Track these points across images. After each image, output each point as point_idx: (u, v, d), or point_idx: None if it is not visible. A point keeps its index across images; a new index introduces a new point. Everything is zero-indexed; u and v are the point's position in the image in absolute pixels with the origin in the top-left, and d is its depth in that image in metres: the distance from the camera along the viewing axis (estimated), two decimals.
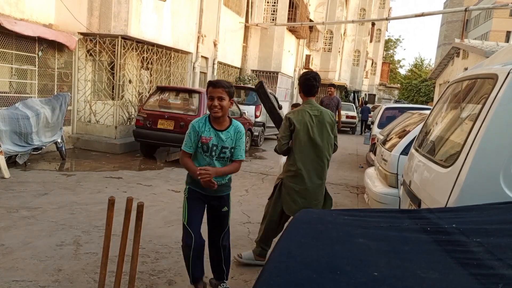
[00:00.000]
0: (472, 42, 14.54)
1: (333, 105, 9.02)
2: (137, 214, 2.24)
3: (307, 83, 3.28)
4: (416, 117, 5.42)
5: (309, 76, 3.29)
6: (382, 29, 41.29)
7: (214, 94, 2.54)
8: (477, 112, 2.17)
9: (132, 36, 8.37)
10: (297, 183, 3.25)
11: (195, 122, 2.64)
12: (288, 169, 3.28)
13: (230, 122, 2.68)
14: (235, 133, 2.66)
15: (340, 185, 7.10)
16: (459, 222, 1.39)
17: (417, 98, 35.02)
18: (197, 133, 2.60)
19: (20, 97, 7.10)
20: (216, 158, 2.64)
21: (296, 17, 16.55)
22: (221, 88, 2.55)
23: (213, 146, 2.61)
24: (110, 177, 6.11)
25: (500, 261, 1.05)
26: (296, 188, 3.26)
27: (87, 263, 3.17)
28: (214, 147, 2.62)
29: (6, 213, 4.14)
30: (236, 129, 2.67)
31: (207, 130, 2.61)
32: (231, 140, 2.64)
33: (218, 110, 2.55)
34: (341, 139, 15.93)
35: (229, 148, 2.64)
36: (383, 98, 41.97)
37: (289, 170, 3.27)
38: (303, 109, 3.23)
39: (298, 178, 3.24)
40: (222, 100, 2.55)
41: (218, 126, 2.63)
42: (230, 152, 2.65)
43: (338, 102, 9.22)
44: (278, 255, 1.10)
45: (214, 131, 2.61)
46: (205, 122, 2.64)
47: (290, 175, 3.27)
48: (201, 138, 2.59)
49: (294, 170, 3.24)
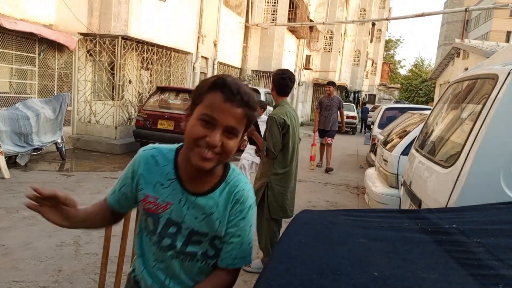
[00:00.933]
0: (473, 42, 14.55)
1: (334, 106, 8.35)
2: (137, 214, 2.24)
3: (283, 82, 3.18)
4: (417, 118, 5.42)
5: (285, 75, 3.18)
6: (383, 29, 41.29)
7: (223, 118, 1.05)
8: (477, 112, 2.16)
9: (132, 36, 8.37)
10: (287, 185, 3.21)
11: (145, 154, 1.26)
12: (277, 172, 3.17)
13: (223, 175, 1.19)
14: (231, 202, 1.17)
15: (341, 186, 7.09)
16: (460, 222, 1.39)
17: (417, 98, 35.05)
18: (135, 183, 1.23)
19: (20, 97, 7.11)
20: (176, 255, 1.18)
21: (296, 17, 16.55)
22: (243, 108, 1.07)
23: (169, 224, 1.18)
24: (110, 178, 6.12)
25: (501, 262, 1.05)
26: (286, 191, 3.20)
27: (87, 264, 3.17)
28: (171, 226, 1.18)
29: (6, 213, 4.14)
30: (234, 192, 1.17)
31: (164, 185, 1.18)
32: (218, 218, 1.16)
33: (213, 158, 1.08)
34: (342, 139, 15.97)
35: (208, 237, 1.17)
36: (383, 99, 41.97)
37: (277, 173, 3.17)
38: (288, 110, 3.18)
39: (288, 179, 3.20)
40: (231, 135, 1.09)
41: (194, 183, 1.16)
42: (212, 246, 1.19)
43: (339, 102, 8.51)
44: (278, 255, 1.09)
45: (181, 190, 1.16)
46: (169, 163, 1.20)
47: (279, 178, 3.18)
48: (144, 198, 1.20)
49: (285, 172, 3.18)
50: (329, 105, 8.31)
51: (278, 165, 3.17)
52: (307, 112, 23.78)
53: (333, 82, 8.59)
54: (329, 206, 5.72)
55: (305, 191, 6.39)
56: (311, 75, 23.21)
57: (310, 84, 23.55)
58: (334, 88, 8.44)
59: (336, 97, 8.56)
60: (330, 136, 8.42)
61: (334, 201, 5.99)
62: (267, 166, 3.21)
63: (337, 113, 8.38)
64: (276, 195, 3.18)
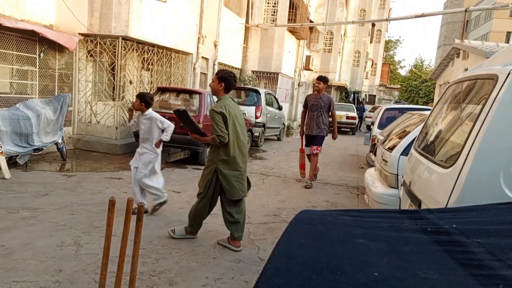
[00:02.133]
0: (472, 43, 14.54)
1: (321, 106, 6.73)
2: (137, 215, 2.25)
3: (232, 82, 3.72)
4: (416, 118, 5.42)
5: (232, 75, 3.72)
6: (382, 30, 41.28)
7: None
8: (477, 112, 2.17)
9: (132, 37, 8.38)
10: (234, 169, 3.66)
11: None
12: (222, 158, 3.63)
13: None
14: None
15: (341, 186, 7.10)
16: (460, 222, 1.39)
17: (417, 99, 35.04)
18: None
19: (21, 97, 7.11)
20: None
21: (296, 18, 16.54)
22: None
23: None
24: (110, 178, 6.12)
25: (501, 262, 1.05)
26: (233, 174, 3.66)
27: (88, 264, 3.17)
28: None
29: (6, 213, 4.14)
30: None
31: None
32: None
33: None
34: (341, 139, 15.96)
35: None
36: (383, 99, 41.96)
37: (223, 159, 3.63)
38: (228, 103, 3.67)
39: (234, 164, 3.66)
40: None
41: None
42: None
43: (329, 103, 6.80)
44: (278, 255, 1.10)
45: None
46: None
47: (225, 163, 3.63)
48: None
49: (229, 158, 3.63)
50: (316, 104, 6.76)
51: (223, 152, 3.64)
52: None
53: (324, 77, 6.92)
54: (329, 206, 5.72)
55: (305, 191, 6.40)
56: (311, 75, 23.21)
57: (310, 84, 23.56)
58: (324, 84, 6.80)
59: (326, 96, 6.87)
60: (318, 144, 6.87)
61: (334, 201, 5.99)
62: (214, 154, 3.69)
63: (326, 115, 6.80)
64: (225, 178, 3.64)
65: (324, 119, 6.79)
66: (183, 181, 6.33)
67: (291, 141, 13.91)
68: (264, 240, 4.06)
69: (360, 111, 22.93)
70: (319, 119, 6.76)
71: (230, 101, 3.75)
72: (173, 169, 7.18)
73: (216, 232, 4.15)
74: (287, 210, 5.21)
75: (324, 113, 6.77)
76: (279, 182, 6.92)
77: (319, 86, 6.77)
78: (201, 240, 3.90)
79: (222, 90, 3.73)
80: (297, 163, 9.07)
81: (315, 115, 6.77)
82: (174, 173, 6.83)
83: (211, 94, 8.32)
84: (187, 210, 4.72)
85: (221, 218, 4.69)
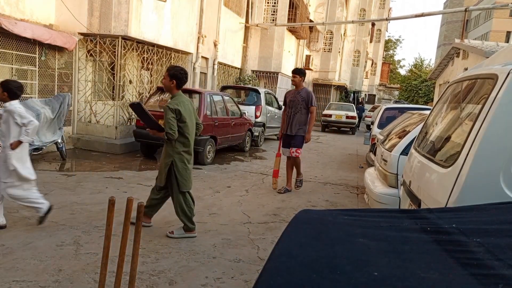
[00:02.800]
0: (472, 42, 14.54)
1: (299, 103, 6.05)
2: (137, 214, 2.25)
3: (182, 78, 3.84)
4: (416, 117, 5.42)
5: (182, 72, 3.86)
6: (382, 30, 41.28)
7: None
8: (477, 112, 2.17)
9: (132, 37, 8.38)
10: (189, 162, 3.92)
11: None
12: (178, 151, 3.84)
13: None
14: None
15: (340, 185, 7.10)
16: (459, 222, 1.39)
17: (417, 98, 35.04)
18: None
19: (21, 97, 7.09)
20: None
21: (296, 17, 16.55)
22: None
23: None
24: (110, 177, 6.12)
25: (501, 261, 1.05)
26: (188, 167, 3.91)
27: (88, 263, 3.17)
28: None
29: (6, 213, 4.14)
30: None
31: None
32: None
33: None
34: (341, 139, 15.97)
35: None
36: (383, 99, 41.97)
37: (179, 152, 3.84)
38: (182, 100, 3.85)
39: (188, 157, 3.92)
40: None
41: None
42: None
43: (308, 97, 6.05)
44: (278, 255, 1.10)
45: None
46: None
47: (181, 156, 3.85)
48: None
49: (185, 151, 3.88)
50: (293, 100, 6.11)
51: (179, 146, 3.84)
52: None
53: (300, 70, 6.23)
54: (329, 205, 5.72)
55: (305, 191, 6.40)
56: (311, 75, 23.22)
57: (310, 84, 23.57)
58: (301, 77, 6.07)
59: (305, 90, 6.17)
60: (297, 145, 6.12)
61: (333, 200, 5.99)
62: (170, 147, 3.85)
63: (305, 111, 6.10)
64: (181, 170, 3.85)
65: (303, 116, 6.11)
66: None
67: None
68: (264, 240, 4.06)
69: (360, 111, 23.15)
70: (297, 116, 6.08)
71: (184, 97, 3.92)
72: None
73: (216, 232, 4.15)
74: (287, 210, 5.21)
75: (303, 110, 6.09)
76: (279, 182, 6.92)
77: (295, 80, 6.07)
78: (201, 240, 3.90)
79: (174, 87, 3.86)
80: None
81: (293, 112, 6.11)
82: None
83: (211, 93, 8.33)
84: None
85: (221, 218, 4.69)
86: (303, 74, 6.16)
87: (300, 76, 6.07)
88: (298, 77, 6.05)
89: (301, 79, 6.08)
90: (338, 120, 18.63)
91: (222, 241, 3.92)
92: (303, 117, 6.09)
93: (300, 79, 6.08)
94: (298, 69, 6.27)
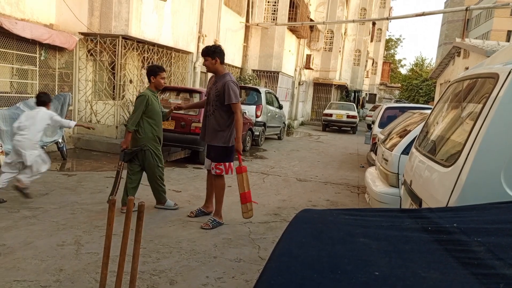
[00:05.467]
0: (473, 42, 14.53)
1: (213, 98, 4.13)
2: (138, 214, 2.25)
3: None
4: (417, 117, 5.41)
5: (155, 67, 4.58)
6: (383, 29, 41.21)
7: None
8: (478, 111, 2.16)
9: (132, 36, 8.38)
10: (159, 147, 4.58)
11: None
12: (153, 137, 4.50)
13: None
14: None
15: (341, 185, 7.10)
16: (460, 221, 1.39)
17: (418, 97, 35.01)
18: None
19: (21, 97, 7.11)
20: None
21: (297, 16, 16.52)
22: None
23: None
24: (111, 177, 6.11)
25: (501, 261, 1.05)
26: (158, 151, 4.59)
27: (88, 263, 3.17)
28: None
29: (7, 213, 4.15)
30: None
31: None
32: None
33: None
34: (342, 138, 15.97)
35: None
36: (383, 98, 41.95)
37: (153, 138, 4.51)
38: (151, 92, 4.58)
39: (158, 142, 4.59)
40: None
41: None
42: None
43: (223, 91, 4.04)
44: (279, 254, 1.10)
45: None
46: None
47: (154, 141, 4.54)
48: None
49: (157, 136, 4.55)
50: (208, 93, 4.29)
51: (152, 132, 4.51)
52: (307, 112, 23.81)
53: (208, 49, 4.14)
54: (330, 205, 5.72)
55: (306, 190, 6.40)
56: (311, 74, 23.20)
57: (310, 83, 23.55)
58: (213, 59, 4.11)
59: (222, 79, 4.11)
60: (216, 159, 4.21)
61: (334, 200, 5.99)
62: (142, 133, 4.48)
63: (222, 110, 4.13)
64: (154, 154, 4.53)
65: (221, 118, 4.15)
66: (183, 180, 6.33)
67: (291, 140, 13.92)
68: (264, 239, 4.06)
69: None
70: (211, 117, 4.18)
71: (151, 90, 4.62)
72: (173, 168, 7.18)
73: (217, 232, 4.15)
74: (287, 209, 5.21)
75: (221, 109, 4.12)
76: (279, 181, 6.92)
77: (206, 63, 4.18)
78: (202, 239, 3.90)
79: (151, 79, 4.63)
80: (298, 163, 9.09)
81: (207, 112, 4.25)
82: (174, 172, 6.83)
83: None
84: (188, 209, 4.74)
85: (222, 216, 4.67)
86: (212, 54, 4.11)
87: (212, 58, 4.11)
88: (210, 59, 4.11)
89: (213, 61, 4.12)
90: (338, 119, 18.65)
91: (222, 240, 3.92)
92: (220, 120, 4.15)
93: (213, 61, 4.12)
94: (206, 48, 4.19)
